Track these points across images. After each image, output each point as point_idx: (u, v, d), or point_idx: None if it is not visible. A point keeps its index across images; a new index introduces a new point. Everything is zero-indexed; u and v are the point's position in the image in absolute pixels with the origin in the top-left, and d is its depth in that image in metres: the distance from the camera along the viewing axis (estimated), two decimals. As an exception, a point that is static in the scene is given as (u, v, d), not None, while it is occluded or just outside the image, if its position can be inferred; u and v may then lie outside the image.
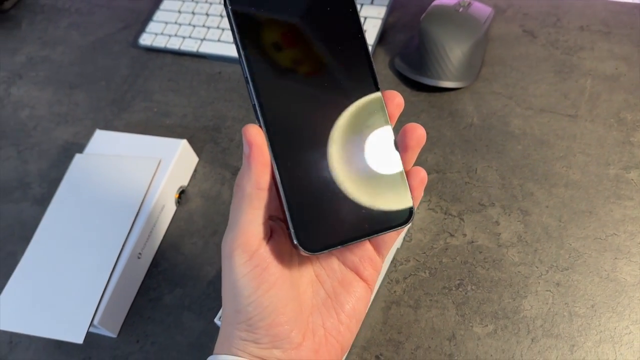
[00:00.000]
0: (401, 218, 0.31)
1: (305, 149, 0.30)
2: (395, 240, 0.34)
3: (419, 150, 0.31)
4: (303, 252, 0.29)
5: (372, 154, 0.31)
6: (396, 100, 0.32)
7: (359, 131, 0.31)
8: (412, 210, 0.31)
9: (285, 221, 0.30)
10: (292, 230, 0.29)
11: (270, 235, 0.31)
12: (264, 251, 0.30)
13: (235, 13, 0.30)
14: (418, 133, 0.31)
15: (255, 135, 0.29)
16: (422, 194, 0.32)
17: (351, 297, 0.33)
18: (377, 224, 0.30)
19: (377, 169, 0.31)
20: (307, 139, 0.30)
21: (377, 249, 0.33)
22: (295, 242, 0.29)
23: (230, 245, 0.30)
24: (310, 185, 0.30)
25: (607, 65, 0.60)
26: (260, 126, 0.29)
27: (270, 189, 0.30)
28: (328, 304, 0.33)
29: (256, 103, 0.30)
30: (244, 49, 0.30)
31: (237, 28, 0.30)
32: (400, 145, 0.31)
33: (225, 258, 0.30)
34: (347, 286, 0.33)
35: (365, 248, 0.33)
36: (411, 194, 0.31)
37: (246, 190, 0.29)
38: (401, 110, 0.32)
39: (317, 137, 0.30)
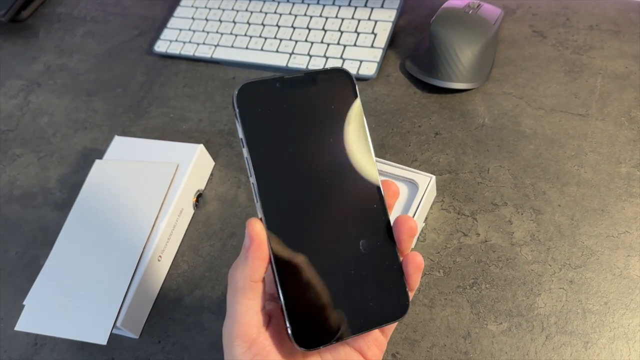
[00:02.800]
0: (397, 312, 0.32)
1: (305, 248, 0.31)
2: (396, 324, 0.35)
3: (412, 241, 0.33)
4: (298, 348, 0.30)
5: (370, 249, 0.32)
6: (392, 189, 0.33)
7: (359, 225, 0.32)
8: (407, 304, 0.32)
9: (282, 314, 0.30)
10: (288, 327, 0.30)
11: (269, 320, 0.32)
12: (264, 339, 0.30)
13: (242, 114, 0.31)
14: (409, 225, 0.32)
15: (258, 231, 0.30)
16: (419, 280, 0.33)
17: None
18: (373, 319, 0.31)
19: (374, 264, 0.32)
20: (307, 238, 0.31)
21: (382, 330, 0.34)
22: (291, 338, 0.30)
23: (229, 336, 0.30)
24: (308, 283, 0.30)
25: (617, 64, 0.61)
26: (262, 222, 0.30)
27: (264, 279, 0.31)
28: None
29: (260, 203, 0.30)
30: (250, 150, 0.30)
31: (243, 128, 0.30)
32: (395, 235, 0.32)
33: (226, 347, 0.31)
34: None
35: (371, 331, 0.33)
36: (407, 281, 0.32)
37: (240, 283, 0.30)
38: (397, 198, 0.34)
39: (317, 236, 0.31)
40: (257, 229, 0.29)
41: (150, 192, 0.57)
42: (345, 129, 0.33)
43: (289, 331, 0.30)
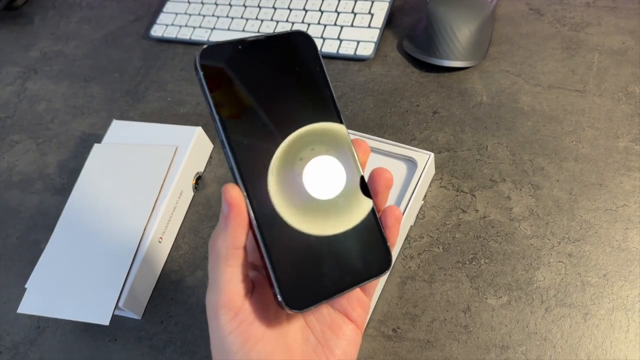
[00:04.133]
0: (380, 267, 0.32)
1: (283, 210, 0.30)
2: (379, 280, 0.35)
3: (388, 191, 0.33)
4: (289, 311, 0.29)
5: (348, 207, 0.32)
6: (362, 146, 0.33)
7: (334, 185, 0.32)
8: (389, 259, 0.32)
9: (268, 279, 0.30)
10: (276, 290, 0.29)
11: (253, 287, 0.31)
12: (248, 307, 0.30)
13: (207, 78, 0.30)
14: (385, 177, 0.32)
15: (235, 196, 0.29)
16: (399, 232, 0.33)
17: (341, 341, 0.33)
18: (357, 276, 0.32)
19: (353, 220, 0.32)
20: (285, 199, 0.31)
21: (364, 289, 0.34)
22: (280, 300, 0.29)
23: (214, 305, 0.30)
24: (291, 244, 0.30)
25: (614, 39, 0.61)
26: (240, 187, 0.30)
27: (245, 246, 0.30)
28: (319, 350, 0.33)
29: (234, 166, 0.30)
30: (218, 113, 0.30)
31: (210, 93, 0.30)
32: (371, 188, 0.32)
33: (211, 318, 0.30)
34: (337, 330, 0.33)
35: (353, 290, 0.33)
36: (387, 234, 0.32)
37: (222, 251, 0.29)
38: (369, 154, 0.34)
39: (295, 195, 0.31)
40: (234, 194, 0.29)
41: (149, 174, 0.57)
42: (311, 88, 0.33)
43: (277, 294, 0.29)
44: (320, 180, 0.32)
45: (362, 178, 0.33)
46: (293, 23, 0.69)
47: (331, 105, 0.33)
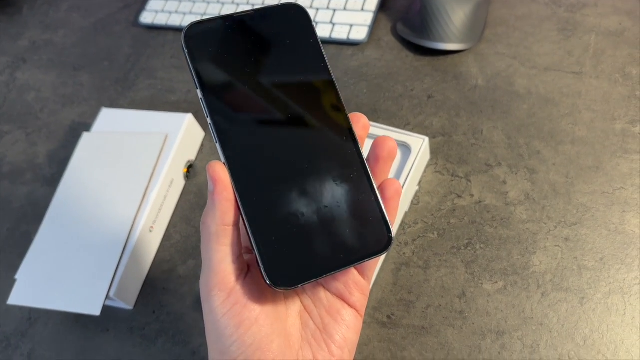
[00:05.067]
0: (379, 245, 0.30)
1: (270, 182, 0.29)
2: (377, 262, 0.33)
3: (391, 162, 0.31)
4: (274, 289, 0.28)
5: (343, 181, 0.30)
6: (362, 122, 0.31)
7: (327, 158, 0.30)
8: (390, 238, 0.30)
9: (254, 256, 0.29)
10: (261, 268, 0.28)
11: (247, 269, 0.30)
12: (242, 287, 0.29)
13: (192, 54, 0.29)
14: (389, 145, 0.30)
15: (220, 172, 0.28)
16: (398, 205, 0.31)
17: (340, 326, 0.31)
18: (353, 253, 0.29)
19: (348, 195, 0.30)
20: (272, 172, 0.29)
21: (362, 272, 0.32)
22: (267, 281, 0.28)
23: (206, 287, 0.29)
24: (277, 219, 0.29)
25: (611, 20, 0.60)
26: (224, 163, 0.29)
27: (237, 225, 0.29)
28: (317, 336, 0.31)
29: (218, 141, 0.29)
30: (202, 89, 0.29)
31: (194, 68, 0.29)
32: (372, 157, 0.31)
33: (204, 300, 0.29)
34: (335, 315, 0.32)
35: (349, 272, 0.32)
36: (386, 207, 0.30)
37: (212, 229, 0.28)
38: (368, 130, 0.32)
39: (282, 168, 0.30)
40: (218, 171, 0.28)
41: (139, 163, 0.56)
42: (304, 63, 0.31)
43: (264, 274, 0.28)
44: (311, 152, 0.30)
45: (358, 148, 0.31)
46: (285, 8, 0.68)
47: (328, 78, 0.32)
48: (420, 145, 0.51)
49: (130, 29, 0.75)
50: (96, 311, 0.48)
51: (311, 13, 0.67)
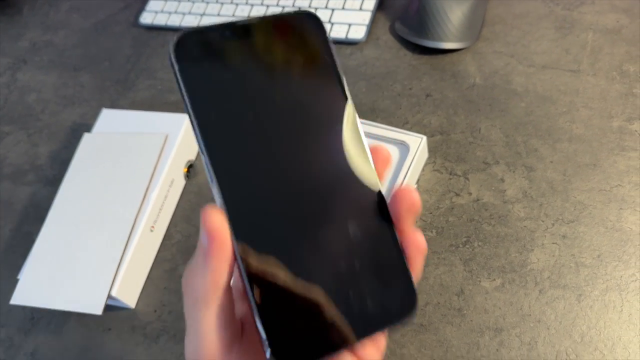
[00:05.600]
0: (401, 311, 0.25)
1: (279, 239, 0.24)
2: None
3: (414, 218, 0.26)
4: None
5: (363, 234, 0.25)
6: (383, 154, 0.26)
7: (345, 207, 0.25)
8: (414, 300, 0.25)
9: (255, 327, 0.23)
10: (265, 343, 0.23)
11: (242, 329, 0.26)
12: (236, 356, 0.24)
13: (184, 71, 0.24)
14: (410, 199, 0.25)
15: (217, 223, 0.22)
16: (422, 266, 0.26)
17: None
18: (374, 322, 0.24)
19: (369, 252, 0.25)
20: (281, 226, 0.24)
21: None
22: (271, 358, 0.23)
23: (193, 358, 0.24)
24: (287, 282, 0.23)
25: (608, 18, 0.60)
26: (223, 211, 0.23)
27: (229, 284, 0.24)
28: None
29: (214, 181, 0.23)
30: (196, 116, 0.24)
31: (187, 89, 0.24)
32: (392, 211, 0.26)
33: None
34: None
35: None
36: (410, 266, 0.25)
37: (200, 292, 0.23)
38: (388, 165, 0.27)
39: (294, 221, 0.24)
40: (216, 221, 0.22)
41: (139, 163, 0.56)
42: (318, 84, 0.26)
43: (267, 349, 0.23)
44: (326, 199, 0.25)
45: (380, 194, 0.26)
46: (284, 7, 0.68)
47: (345, 103, 0.26)
48: (418, 144, 0.52)
49: (130, 30, 0.76)
50: (98, 310, 0.49)
51: (310, 12, 0.67)
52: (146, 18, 0.74)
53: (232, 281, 0.24)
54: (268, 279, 0.23)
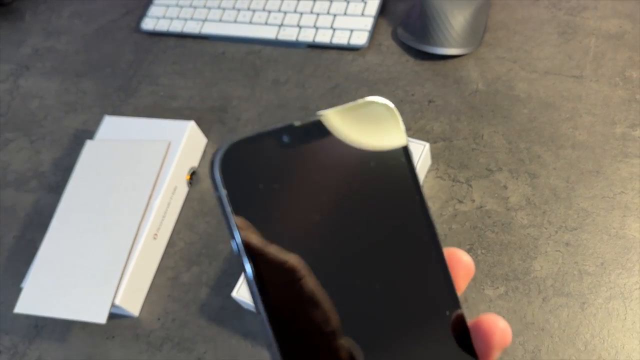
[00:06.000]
0: None
1: None
2: None
3: (500, 352, 0.22)
4: None
5: None
6: (464, 263, 0.22)
7: (428, 347, 0.21)
8: None
9: None
10: None
11: None
12: None
13: (234, 196, 0.19)
14: (501, 331, 0.21)
15: None
16: None
17: None
18: None
19: None
20: None
21: None
22: None
23: None
24: None
25: (611, 23, 0.60)
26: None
27: None
28: None
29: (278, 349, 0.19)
30: (251, 260, 0.19)
31: (235, 218, 0.19)
32: (478, 346, 0.22)
33: None
34: None
35: None
36: None
37: None
38: (471, 277, 0.23)
39: None
40: None
41: (142, 170, 0.56)
42: (396, 207, 0.21)
43: None
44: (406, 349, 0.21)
45: (461, 320, 0.22)
46: (285, 13, 0.68)
47: (424, 231, 0.22)
48: (421, 151, 0.52)
49: (132, 35, 0.76)
50: (102, 319, 0.49)
51: (312, 18, 0.67)
52: (148, 24, 0.74)
53: None
54: None
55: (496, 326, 0.21)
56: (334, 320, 0.20)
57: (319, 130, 0.20)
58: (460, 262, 0.22)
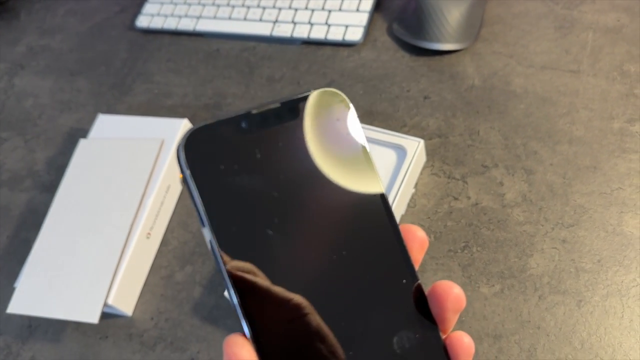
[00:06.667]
0: None
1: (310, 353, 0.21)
2: None
3: (457, 315, 0.23)
4: None
5: (405, 341, 0.23)
6: (418, 237, 0.24)
7: (385, 314, 0.23)
8: None
9: None
10: None
11: None
12: None
13: (196, 174, 0.21)
14: (454, 296, 0.23)
15: (244, 356, 0.20)
16: None
17: None
18: None
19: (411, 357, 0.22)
20: (316, 347, 0.21)
21: None
22: None
23: None
24: None
25: (608, 17, 0.59)
26: (245, 334, 0.21)
27: None
28: None
29: (239, 306, 0.21)
30: (214, 229, 0.21)
31: (202, 196, 0.21)
32: (435, 311, 0.23)
33: None
34: None
35: None
36: None
37: None
38: (425, 249, 0.24)
39: (331, 341, 0.22)
40: (238, 351, 0.20)
41: (135, 169, 0.56)
42: (352, 178, 0.23)
43: None
44: (364, 311, 0.23)
45: (418, 288, 0.23)
46: (280, 9, 0.68)
47: (377, 199, 0.24)
48: (415, 148, 0.51)
49: (127, 33, 0.75)
50: (94, 319, 0.49)
51: (306, 14, 0.66)
52: (142, 21, 0.73)
53: None
54: None
55: (450, 291, 0.23)
56: (297, 298, 0.22)
57: (277, 116, 0.23)
58: (415, 237, 0.24)
